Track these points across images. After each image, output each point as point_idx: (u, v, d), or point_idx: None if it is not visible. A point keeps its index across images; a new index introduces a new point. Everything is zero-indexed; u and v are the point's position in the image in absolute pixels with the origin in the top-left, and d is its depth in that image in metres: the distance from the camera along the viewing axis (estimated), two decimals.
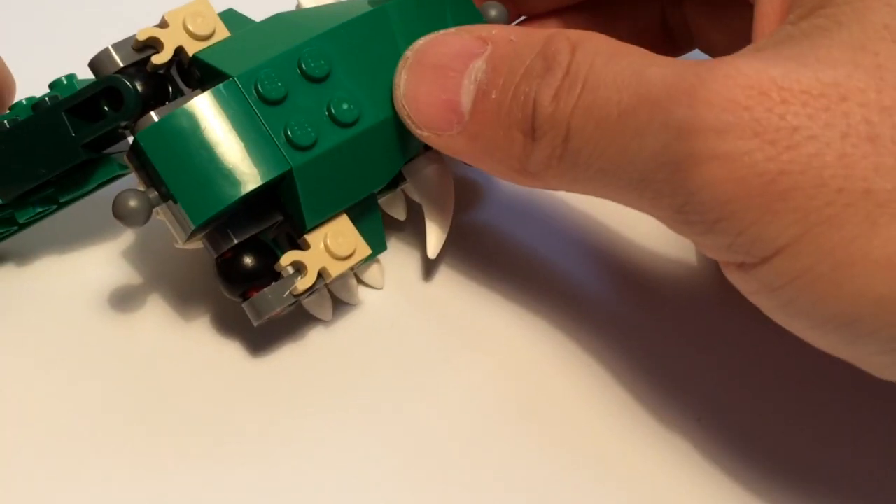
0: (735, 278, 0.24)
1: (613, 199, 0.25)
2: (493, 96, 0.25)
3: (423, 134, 0.27)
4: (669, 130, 0.22)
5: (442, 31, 0.27)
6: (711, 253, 0.24)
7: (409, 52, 0.28)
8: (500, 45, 0.26)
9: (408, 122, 0.28)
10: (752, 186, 0.21)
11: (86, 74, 0.30)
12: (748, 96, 0.22)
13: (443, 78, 0.26)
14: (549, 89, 0.24)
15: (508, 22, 0.32)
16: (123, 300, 0.31)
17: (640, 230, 0.33)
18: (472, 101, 0.26)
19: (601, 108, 0.23)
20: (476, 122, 0.26)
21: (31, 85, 0.31)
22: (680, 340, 0.31)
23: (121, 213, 0.26)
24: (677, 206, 0.23)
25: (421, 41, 0.28)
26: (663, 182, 0.23)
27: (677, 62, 0.23)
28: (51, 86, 0.30)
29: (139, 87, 0.28)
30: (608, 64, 0.24)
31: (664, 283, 0.32)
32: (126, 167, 0.30)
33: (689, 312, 0.31)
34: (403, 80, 0.27)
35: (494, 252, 0.33)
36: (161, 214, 0.27)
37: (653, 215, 0.24)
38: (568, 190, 0.26)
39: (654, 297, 0.32)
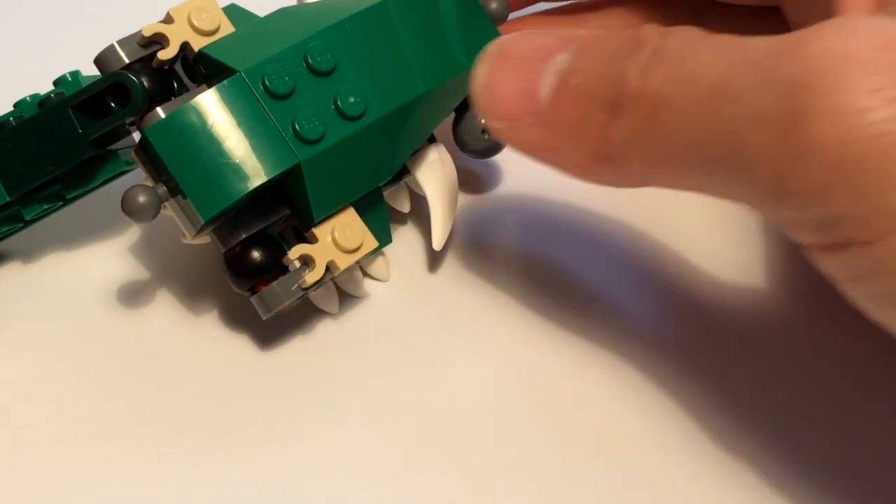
0: (827, 263, 0.22)
1: (695, 186, 0.23)
2: (575, 80, 0.24)
3: (496, 125, 0.25)
4: (774, 87, 0.20)
5: (527, 31, 0.26)
6: (804, 233, 0.21)
7: (492, 46, 0.25)
8: (590, 38, 0.24)
9: (482, 112, 0.26)
10: (871, 148, 0.19)
11: (89, 71, 0.30)
12: (870, 47, 0.20)
13: (523, 68, 0.25)
14: (636, 65, 0.23)
15: (508, 15, 0.32)
16: (131, 296, 0.31)
17: (650, 225, 0.33)
18: (551, 90, 0.24)
19: (693, 75, 0.22)
20: (554, 108, 0.24)
21: (35, 82, 0.31)
22: (685, 336, 0.31)
23: (130, 209, 0.27)
24: (775, 176, 0.21)
25: (505, 37, 0.26)
26: (763, 147, 0.20)
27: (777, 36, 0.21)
28: (55, 83, 0.30)
29: (145, 83, 0.28)
30: (701, 41, 0.22)
31: (668, 282, 0.32)
32: (132, 163, 0.30)
33: (689, 310, 0.31)
34: (481, 71, 0.25)
35: (499, 243, 0.33)
36: (169, 210, 0.28)
37: (738, 196, 0.22)
38: (646, 177, 0.24)
39: (662, 293, 0.32)
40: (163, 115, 0.27)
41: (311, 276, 0.28)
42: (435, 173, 0.31)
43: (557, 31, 0.25)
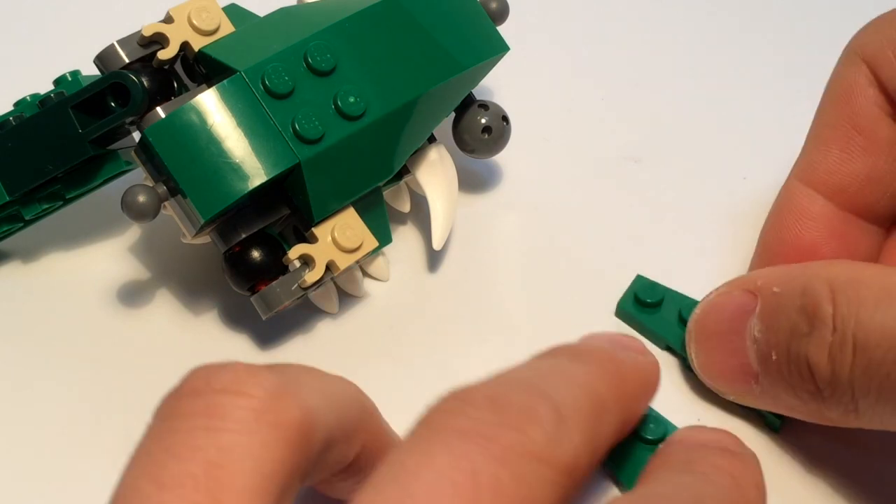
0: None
1: None
2: (773, 358, 0.25)
3: (729, 397, 0.28)
4: None
5: (714, 293, 0.28)
6: None
7: (690, 325, 0.28)
8: (767, 299, 0.26)
9: (711, 386, 0.28)
10: None
11: (89, 71, 0.30)
12: None
13: (727, 344, 0.27)
14: (819, 350, 0.24)
15: (508, 14, 0.32)
16: (131, 295, 0.31)
17: (650, 223, 0.33)
18: (759, 361, 0.26)
19: (878, 368, 0.23)
20: (768, 383, 0.26)
21: (35, 82, 0.31)
22: None
23: (130, 209, 0.27)
24: None
25: (698, 310, 0.28)
26: None
27: None
28: (56, 82, 0.30)
29: (145, 83, 0.28)
30: (874, 316, 0.23)
31: (666, 282, 0.32)
32: (131, 163, 0.30)
33: None
34: (694, 354, 0.28)
35: (499, 243, 0.33)
36: (169, 209, 0.28)
37: None
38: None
39: None
40: (163, 115, 0.27)
41: (311, 276, 0.28)
42: (435, 173, 0.31)
43: (738, 283, 0.27)
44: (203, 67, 0.29)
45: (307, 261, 0.28)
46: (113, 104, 0.28)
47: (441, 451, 0.18)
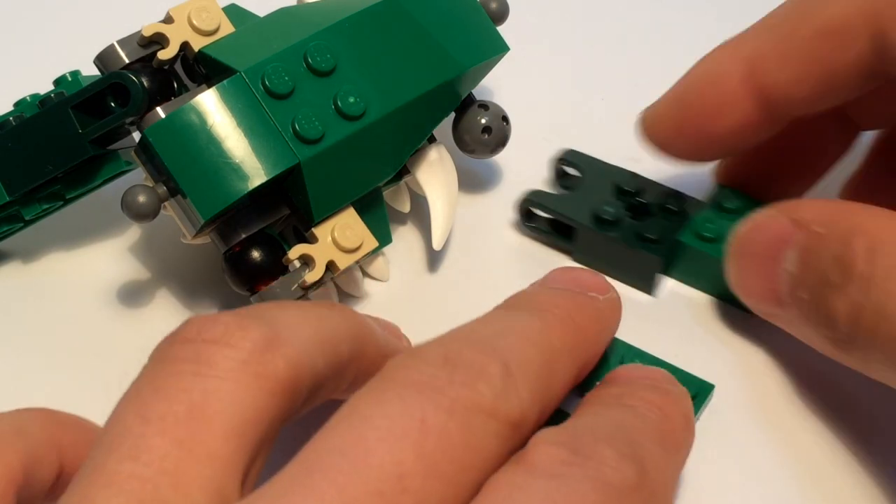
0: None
1: None
2: (802, 296, 0.26)
3: (757, 313, 0.28)
4: None
5: (761, 213, 0.28)
6: None
7: (732, 240, 0.28)
8: (808, 236, 0.26)
9: (741, 298, 0.29)
10: None
11: (89, 71, 0.30)
12: None
13: (762, 267, 0.27)
14: (844, 306, 0.24)
15: (508, 14, 0.32)
16: (131, 296, 0.31)
17: None
18: (788, 293, 0.26)
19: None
20: (794, 315, 0.27)
21: (35, 82, 0.31)
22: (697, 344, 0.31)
23: (130, 209, 0.27)
24: None
25: (741, 226, 0.28)
26: None
27: None
28: (55, 82, 0.30)
29: (145, 83, 0.28)
30: None
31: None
32: (131, 163, 0.30)
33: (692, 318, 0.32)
34: (731, 270, 0.28)
35: (499, 243, 0.33)
36: (169, 209, 0.28)
37: None
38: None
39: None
40: (163, 115, 0.27)
41: (311, 276, 0.28)
42: (435, 173, 0.31)
43: (787, 210, 0.27)
44: (203, 67, 0.29)
45: (307, 261, 0.28)
46: (113, 104, 0.28)
47: (394, 400, 0.19)
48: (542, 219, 0.33)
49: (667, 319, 0.31)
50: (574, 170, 0.33)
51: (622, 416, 0.22)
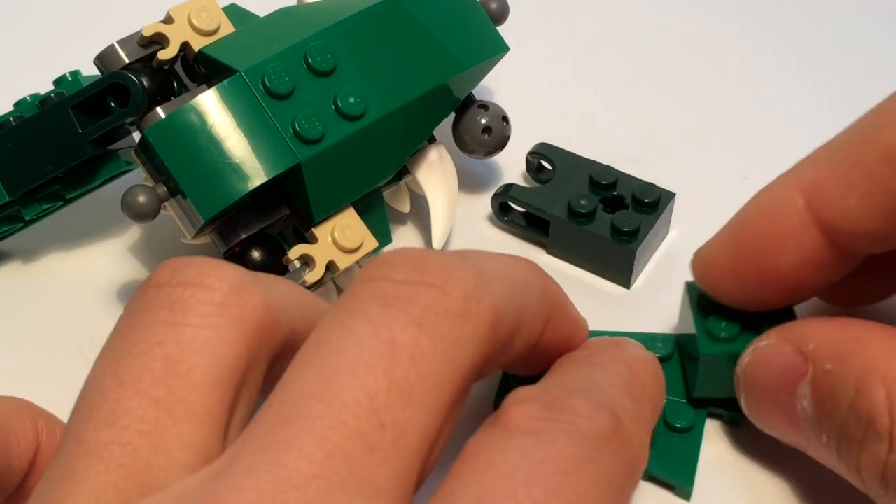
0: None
1: None
2: (824, 440, 0.24)
3: (783, 442, 0.26)
4: None
5: (765, 342, 0.25)
6: None
7: (739, 372, 0.26)
8: (819, 374, 0.24)
9: (762, 428, 0.27)
10: None
11: (89, 71, 0.30)
12: None
13: (777, 400, 0.25)
14: (872, 464, 0.23)
15: (508, 14, 0.32)
16: (131, 295, 0.31)
17: None
18: (810, 429, 0.24)
19: None
20: (817, 451, 0.25)
21: (35, 82, 0.31)
22: None
23: (130, 209, 0.27)
24: None
25: (747, 359, 0.26)
26: None
27: None
28: (56, 83, 0.30)
29: (145, 83, 0.28)
30: None
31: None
32: (131, 163, 0.30)
33: None
34: (744, 402, 0.26)
35: (498, 242, 0.33)
36: (169, 210, 0.28)
37: None
38: None
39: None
40: (163, 115, 0.27)
41: (311, 276, 0.28)
42: (435, 173, 0.31)
43: (789, 338, 0.25)
44: (203, 68, 0.29)
45: (307, 261, 0.28)
46: (113, 104, 0.28)
47: (361, 323, 0.18)
48: (517, 212, 0.33)
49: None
50: (547, 163, 0.33)
51: (592, 371, 0.22)
